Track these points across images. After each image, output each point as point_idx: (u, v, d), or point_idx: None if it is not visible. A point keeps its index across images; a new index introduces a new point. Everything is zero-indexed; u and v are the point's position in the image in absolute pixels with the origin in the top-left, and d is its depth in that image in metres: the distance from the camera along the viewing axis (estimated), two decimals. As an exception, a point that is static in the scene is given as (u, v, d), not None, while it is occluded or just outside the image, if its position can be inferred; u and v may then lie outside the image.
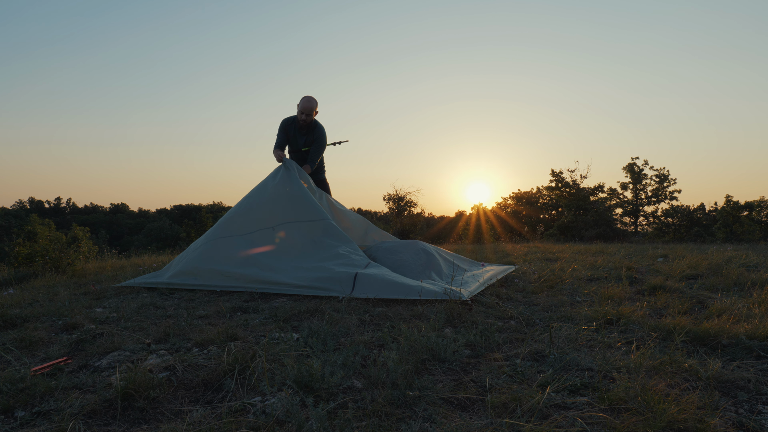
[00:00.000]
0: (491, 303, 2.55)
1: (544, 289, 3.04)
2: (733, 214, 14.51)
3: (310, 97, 3.99)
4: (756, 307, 2.34)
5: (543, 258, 5.21)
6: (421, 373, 1.52)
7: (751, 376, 1.48)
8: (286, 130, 4.10)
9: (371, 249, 3.57)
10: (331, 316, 2.23)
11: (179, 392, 1.39)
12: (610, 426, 1.16)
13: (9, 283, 3.51)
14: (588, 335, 1.92)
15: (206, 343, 1.82)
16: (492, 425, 1.18)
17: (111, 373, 1.54)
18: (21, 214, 51.08)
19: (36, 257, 4.18)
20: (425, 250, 3.53)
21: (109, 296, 2.91)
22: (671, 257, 4.88)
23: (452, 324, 2.13)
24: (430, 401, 1.31)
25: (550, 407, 1.27)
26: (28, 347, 1.84)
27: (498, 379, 1.47)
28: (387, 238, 4.10)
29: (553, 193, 17.18)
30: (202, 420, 1.21)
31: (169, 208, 72.90)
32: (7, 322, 2.18)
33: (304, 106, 3.95)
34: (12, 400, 1.32)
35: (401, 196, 14.66)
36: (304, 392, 1.35)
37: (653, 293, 2.86)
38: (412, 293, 2.60)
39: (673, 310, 2.34)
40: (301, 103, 3.98)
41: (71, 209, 76.71)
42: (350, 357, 1.56)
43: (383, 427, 1.17)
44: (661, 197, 17.32)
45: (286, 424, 1.18)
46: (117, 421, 1.23)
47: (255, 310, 2.44)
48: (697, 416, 1.19)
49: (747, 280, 3.19)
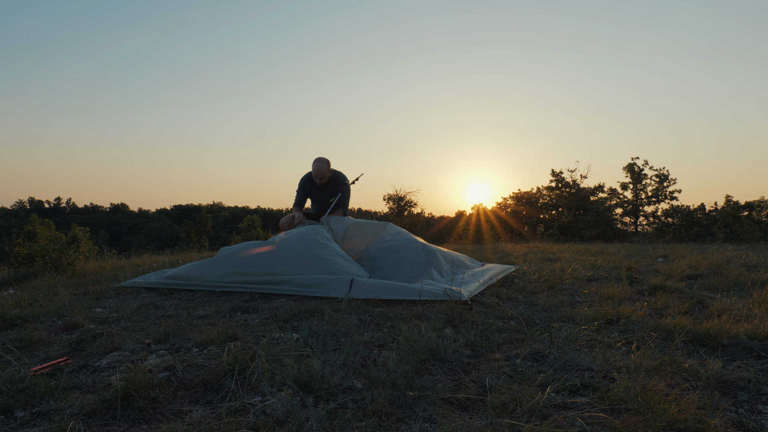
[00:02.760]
0: (491, 303, 2.55)
1: (544, 289, 3.04)
2: (733, 214, 14.51)
3: (321, 159, 4.04)
4: (756, 307, 2.34)
5: (543, 258, 5.21)
6: (421, 373, 1.52)
7: (751, 376, 1.48)
8: (306, 189, 4.20)
9: (371, 248, 3.56)
10: (331, 316, 2.22)
11: (179, 392, 1.39)
12: (610, 426, 1.16)
13: (9, 283, 3.51)
14: (588, 335, 1.92)
15: (206, 343, 1.82)
16: (492, 425, 1.18)
17: (111, 373, 1.54)
18: (21, 214, 51.11)
19: (36, 257, 4.18)
20: (426, 248, 3.53)
21: (109, 296, 2.91)
22: (671, 257, 4.88)
23: (452, 324, 2.13)
24: (430, 401, 1.31)
25: (550, 407, 1.27)
26: (28, 347, 1.84)
27: (498, 379, 1.47)
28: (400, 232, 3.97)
29: (553, 193, 17.18)
30: (202, 420, 1.21)
31: (169, 208, 72.97)
32: (7, 322, 2.18)
33: (315, 171, 4.03)
34: (12, 400, 1.32)
35: (401, 196, 14.67)
36: (304, 392, 1.34)
37: (653, 293, 2.86)
38: (412, 293, 2.61)
39: (674, 310, 2.34)
40: (313, 167, 4.05)
41: (71, 209, 76.73)
42: (350, 357, 1.56)
43: (383, 427, 1.17)
44: (661, 197, 17.31)
45: (286, 424, 1.18)
46: (117, 421, 1.23)
47: (255, 310, 2.44)
48: (697, 416, 1.19)
49: (747, 280, 3.19)
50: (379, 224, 3.92)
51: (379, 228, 3.87)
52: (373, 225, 3.89)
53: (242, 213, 61.96)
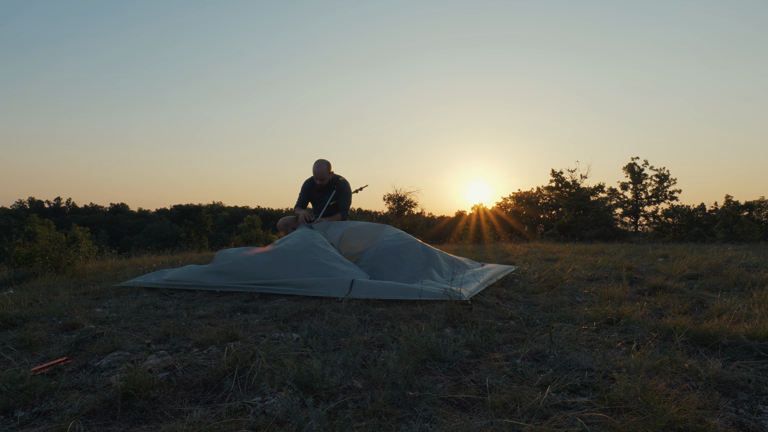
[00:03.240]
0: (491, 303, 2.55)
1: (544, 289, 3.04)
2: (733, 214, 14.51)
3: (321, 161, 4.08)
4: (756, 307, 2.34)
5: (543, 258, 5.21)
6: (421, 373, 1.52)
7: (751, 376, 1.48)
8: (308, 191, 4.26)
9: (371, 249, 3.56)
10: (331, 316, 2.22)
11: (179, 392, 1.39)
12: (610, 426, 1.16)
13: (9, 283, 3.51)
14: (588, 335, 1.92)
15: (206, 343, 1.82)
16: (492, 425, 1.18)
17: (111, 373, 1.54)
18: (21, 214, 51.12)
19: (36, 257, 4.18)
20: (426, 249, 3.53)
21: (109, 296, 2.91)
22: (671, 257, 4.88)
23: (452, 324, 2.13)
24: (430, 401, 1.31)
25: (550, 407, 1.27)
26: (28, 347, 1.84)
27: (498, 379, 1.47)
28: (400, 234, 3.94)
29: (554, 193, 17.18)
30: (202, 420, 1.21)
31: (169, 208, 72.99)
32: (7, 322, 2.18)
33: (315, 172, 4.07)
34: (12, 400, 1.32)
35: (401, 196, 14.67)
36: (304, 392, 1.34)
37: (653, 293, 2.86)
38: (412, 294, 2.61)
39: (674, 310, 2.34)
40: (313, 169, 4.09)
41: (71, 209, 76.75)
42: (350, 357, 1.56)
43: (383, 427, 1.17)
44: (661, 197, 17.32)
45: (286, 425, 1.18)
46: (117, 421, 1.23)
47: (255, 310, 2.44)
48: (697, 416, 1.19)
49: (747, 280, 3.19)
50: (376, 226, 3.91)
51: (377, 230, 3.86)
52: (370, 228, 3.88)
53: (242, 213, 61.97)
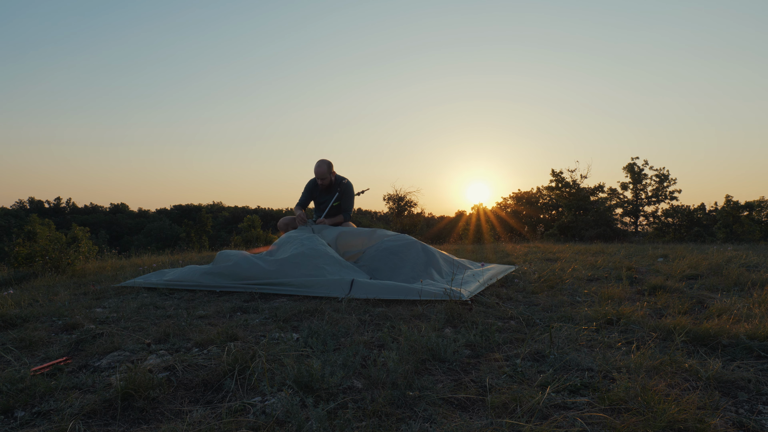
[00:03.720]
0: (491, 303, 2.55)
1: (544, 289, 3.04)
2: (733, 214, 14.51)
3: (321, 161, 4.11)
4: (756, 307, 2.34)
5: (543, 258, 5.21)
6: (421, 373, 1.52)
7: (751, 376, 1.48)
8: (311, 191, 4.30)
9: (371, 249, 3.56)
10: (331, 316, 2.23)
11: (179, 392, 1.39)
12: (610, 426, 1.16)
13: (9, 283, 3.51)
14: (588, 335, 1.92)
15: (206, 343, 1.82)
16: (492, 425, 1.18)
17: (111, 373, 1.54)
18: (21, 214, 51.12)
19: (36, 257, 4.18)
20: (426, 249, 3.52)
21: (109, 296, 2.91)
22: (671, 257, 4.88)
23: (452, 324, 2.13)
24: (430, 401, 1.31)
25: (550, 407, 1.27)
26: (28, 347, 1.84)
27: (498, 379, 1.47)
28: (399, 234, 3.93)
29: (554, 193, 17.18)
30: (202, 420, 1.21)
31: (169, 208, 72.96)
32: (7, 322, 2.18)
33: (316, 172, 4.11)
34: (12, 400, 1.32)
35: (401, 196, 14.68)
36: (304, 392, 1.34)
37: (653, 293, 2.86)
38: (412, 294, 2.61)
39: (674, 310, 2.34)
40: (314, 169, 4.11)
41: (71, 209, 76.73)
42: (350, 357, 1.56)
43: (383, 427, 1.17)
44: (661, 197, 17.32)
45: (286, 425, 1.18)
46: (117, 421, 1.23)
47: (255, 310, 2.44)
48: (697, 416, 1.19)
49: (747, 280, 3.19)
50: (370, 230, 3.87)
51: (371, 233, 3.83)
52: (365, 232, 3.86)
53: (242, 213, 61.98)
